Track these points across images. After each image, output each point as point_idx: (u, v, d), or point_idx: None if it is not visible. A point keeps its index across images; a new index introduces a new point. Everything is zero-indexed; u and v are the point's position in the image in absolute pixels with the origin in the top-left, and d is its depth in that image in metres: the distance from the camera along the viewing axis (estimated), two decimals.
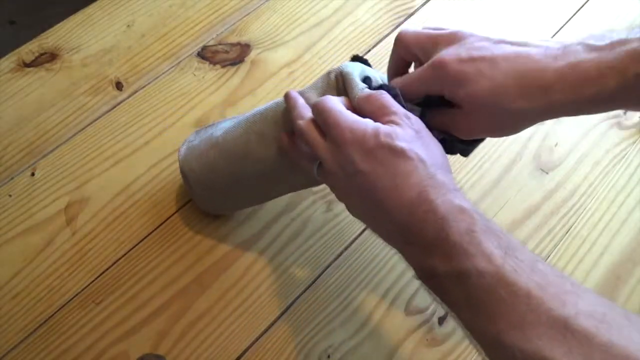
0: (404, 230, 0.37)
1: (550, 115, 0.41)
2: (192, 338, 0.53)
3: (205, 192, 0.54)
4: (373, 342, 0.54)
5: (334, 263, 0.57)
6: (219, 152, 0.51)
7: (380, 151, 0.37)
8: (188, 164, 0.53)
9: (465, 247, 0.33)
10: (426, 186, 0.36)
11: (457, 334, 0.55)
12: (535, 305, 0.30)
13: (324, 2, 0.74)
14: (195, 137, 0.55)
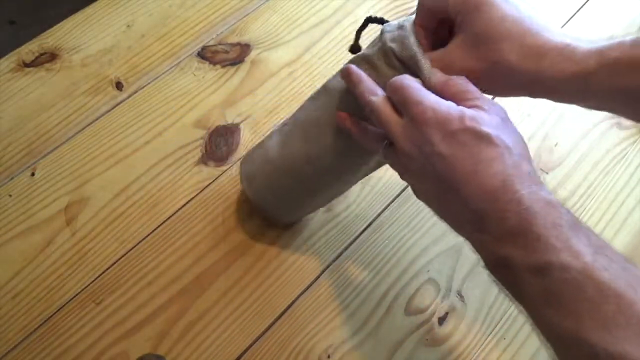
0: (480, 217, 0.35)
1: (530, 89, 0.41)
2: (192, 338, 0.53)
3: (284, 209, 0.56)
4: (373, 342, 0.54)
5: (334, 263, 0.57)
6: (282, 171, 0.51)
7: (464, 135, 0.35)
8: (254, 190, 0.54)
9: (551, 240, 0.32)
10: (511, 175, 0.34)
11: (457, 334, 0.55)
12: (626, 307, 0.29)
13: (324, 2, 0.74)
14: (248, 158, 0.55)
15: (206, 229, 0.58)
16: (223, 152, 0.63)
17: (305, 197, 0.53)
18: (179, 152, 0.62)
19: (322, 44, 0.71)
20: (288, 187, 0.52)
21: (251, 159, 0.54)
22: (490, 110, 0.37)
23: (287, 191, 0.52)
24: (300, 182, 0.51)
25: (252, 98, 0.66)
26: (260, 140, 0.55)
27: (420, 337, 0.55)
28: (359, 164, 0.50)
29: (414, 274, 0.58)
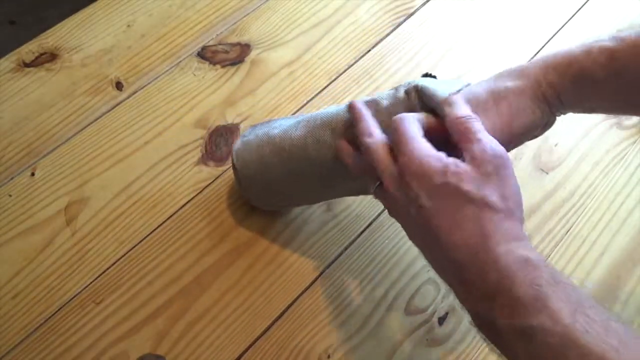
0: (460, 269, 0.35)
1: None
2: (192, 338, 0.53)
3: (257, 188, 0.55)
4: (373, 342, 0.54)
5: (334, 263, 0.57)
6: (276, 150, 0.51)
7: (446, 190, 0.36)
8: (242, 158, 0.53)
9: (530, 302, 0.32)
10: (489, 232, 0.35)
11: (457, 334, 0.55)
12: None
13: (324, 2, 0.74)
14: (250, 132, 0.55)
15: (206, 229, 0.58)
16: (223, 152, 0.63)
17: (293, 189, 0.54)
18: (179, 152, 0.62)
19: (322, 44, 0.71)
20: (280, 172, 0.52)
21: (252, 138, 0.54)
22: (483, 159, 0.37)
23: (277, 176, 0.53)
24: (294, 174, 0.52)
25: (252, 98, 0.66)
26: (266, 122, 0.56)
27: (420, 337, 0.55)
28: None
29: (414, 274, 0.58)
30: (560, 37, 0.75)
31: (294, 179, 0.52)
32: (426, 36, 0.73)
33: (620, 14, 0.78)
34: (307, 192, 0.55)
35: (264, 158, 0.52)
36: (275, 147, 0.52)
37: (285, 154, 0.51)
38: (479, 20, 0.76)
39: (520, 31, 0.75)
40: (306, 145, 0.50)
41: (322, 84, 0.68)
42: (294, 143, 0.50)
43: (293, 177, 0.52)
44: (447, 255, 0.36)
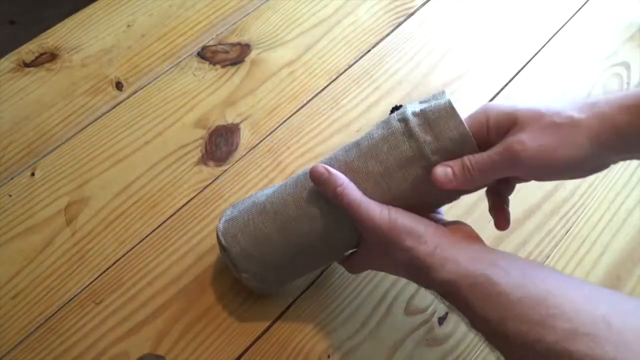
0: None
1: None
2: (192, 338, 0.53)
3: (253, 266, 0.48)
4: (373, 342, 0.54)
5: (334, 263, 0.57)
6: (269, 217, 0.47)
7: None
8: (232, 238, 0.48)
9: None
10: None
11: (457, 334, 0.55)
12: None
13: (324, 2, 0.74)
14: (232, 210, 0.50)
15: (206, 229, 0.58)
16: (223, 152, 0.63)
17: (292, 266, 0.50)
18: (179, 152, 0.62)
19: (322, 44, 0.71)
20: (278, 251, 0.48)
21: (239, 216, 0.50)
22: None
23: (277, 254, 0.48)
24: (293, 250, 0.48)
25: (252, 98, 0.66)
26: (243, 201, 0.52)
27: (420, 337, 0.55)
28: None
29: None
30: (560, 37, 0.75)
31: (298, 243, 0.47)
32: (426, 36, 0.73)
33: (620, 14, 0.78)
34: (312, 257, 0.49)
35: (257, 230, 0.47)
36: (267, 215, 0.47)
37: (282, 218, 0.47)
38: (479, 20, 0.76)
39: (520, 31, 0.75)
40: (303, 201, 0.46)
41: (322, 84, 0.68)
42: (288, 203, 0.47)
43: (294, 239, 0.47)
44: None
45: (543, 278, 0.39)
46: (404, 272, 0.45)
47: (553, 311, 0.35)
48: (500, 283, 0.38)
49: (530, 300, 0.36)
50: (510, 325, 0.36)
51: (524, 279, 0.38)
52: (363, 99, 0.67)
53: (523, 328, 0.35)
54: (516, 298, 0.36)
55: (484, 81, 0.70)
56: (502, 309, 0.37)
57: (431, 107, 0.44)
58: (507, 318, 0.36)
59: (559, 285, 0.38)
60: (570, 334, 0.34)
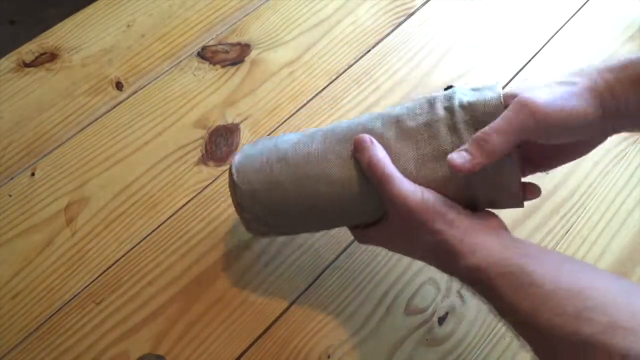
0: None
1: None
2: (192, 338, 0.53)
3: (258, 208, 0.47)
4: (373, 342, 0.54)
5: (333, 263, 0.57)
6: (288, 167, 0.45)
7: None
8: (245, 176, 0.46)
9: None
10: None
11: (457, 334, 0.55)
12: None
13: (324, 2, 0.74)
14: (252, 147, 0.48)
15: (206, 229, 0.58)
16: (223, 152, 0.63)
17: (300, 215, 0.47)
18: (179, 152, 0.62)
19: (322, 44, 0.71)
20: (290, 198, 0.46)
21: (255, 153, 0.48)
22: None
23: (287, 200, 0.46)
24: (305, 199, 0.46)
25: (252, 98, 0.66)
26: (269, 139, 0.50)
27: (420, 337, 0.55)
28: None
29: (413, 274, 0.58)
30: (560, 37, 0.75)
31: (310, 199, 0.45)
32: (426, 36, 0.73)
33: (620, 13, 0.78)
34: (320, 216, 0.47)
35: (274, 176, 0.45)
36: (287, 162, 0.45)
37: (301, 171, 0.45)
38: (479, 20, 0.75)
39: (520, 31, 0.75)
40: (328, 162, 0.44)
41: (322, 84, 0.68)
42: (312, 159, 0.45)
43: (308, 198, 0.45)
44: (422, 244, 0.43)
45: (578, 270, 0.38)
46: (427, 255, 0.44)
47: (590, 303, 0.34)
48: (534, 273, 0.37)
49: (565, 291, 0.35)
50: (544, 316, 0.35)
51: (558, 270, 0.37)
52: (363, 99, 0.67)
53: (557, 320, 0.34)
54: (550, 289, 0.35)
55: (484, 81, 0.70)
56: (535, 299, 0.36)
57: (481, 102, 0.42)
58: (540, 309, 0.35)
59: (595, 279, 0.37)
60: (608, 327, 0.32)
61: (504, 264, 0.38)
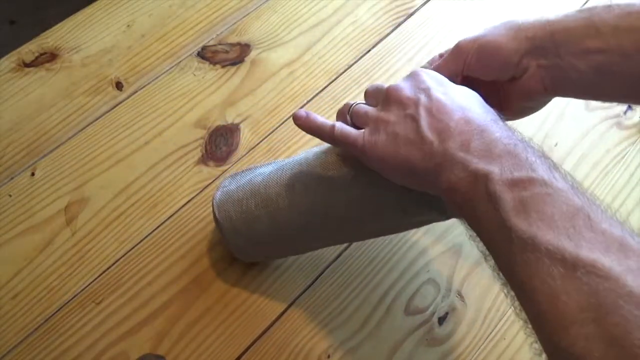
0: (468, 140, 0.38)
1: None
2: (192, 338, 0.53)
3: (241, 241, 0.51)
4: (373, 342, 0.54)
5: (333, 263, 0.57)
6: (261, 201, 0.48)
7: (457, 87, 0.42)
8: (225, 211, 0.50)
9: (537, 163, 0.35)
10: (496, 119, 0.39)
11: (457, 334, 0.55)
12: (595, 223, 0.32)
13: (324, 2, 0.74)
14: (230, 182, 0.52)
15: (206, 229, 0.58)
16: (223, 152, 0.63)
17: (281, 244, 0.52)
18: (179, 152, 0.62)
19: (322, 44, 0.71)
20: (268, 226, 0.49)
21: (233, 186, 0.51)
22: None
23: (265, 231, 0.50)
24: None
25: (252, 98, 0.66)
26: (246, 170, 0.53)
27: (420, 337, 0.55)
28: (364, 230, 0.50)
29: (414, 274, 0.58)
30: None
31: (284, 229, 0.49)
32: (426, 36, 0.73)
33: None
34: (297, 243, 0.52)
35: (249, 210, 0.49)
36: (260, 197, 0.49)
37: (272, 203, 0.48)
38: (479, 20, 0.75)
39: None
40: (293, 191, 0.47)
41: (322, 84, 0.68)
42: (280, 191, 0.48)
43: (282, 227, 0.49)
44: (458, 127, 0.38)
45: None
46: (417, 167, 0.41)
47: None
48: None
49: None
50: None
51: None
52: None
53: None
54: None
55: None
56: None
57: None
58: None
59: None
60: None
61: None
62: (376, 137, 0.41)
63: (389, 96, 0.42)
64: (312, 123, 0.44)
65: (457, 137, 0.38)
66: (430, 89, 0.40)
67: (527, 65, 0.44)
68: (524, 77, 0.44)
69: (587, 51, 0.41)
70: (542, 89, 0.45)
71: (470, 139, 0.37)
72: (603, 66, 0.41)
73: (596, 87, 0.43)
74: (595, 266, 0.29)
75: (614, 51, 0.41)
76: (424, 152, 0.39)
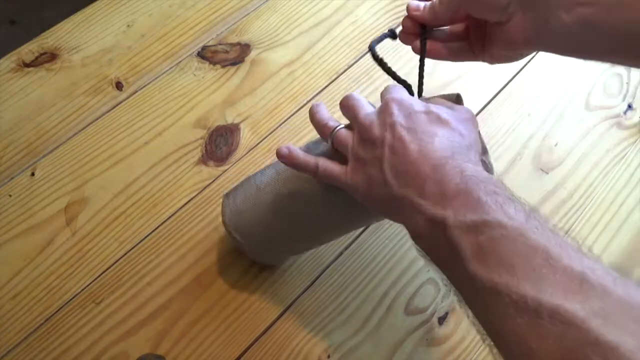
0: (423, 181, 0.37)
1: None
2: (192, 338, 0.53)
3: (262, 250, 0.52)
4: (373, 342, 0.54)
5: (333, 263, 0.57)
6: (273, 211, 0.49)
7: (426, 116, 0.41)
8: (240, 230, 0.50)
9: (489, 203, 0.34)
10: (460, 152, 0.39)
11: (457, 334, 0.55)
12: (554, 261, 0.31)
13: (324, 2, 0.74)
14: (234, 200, 0.51)
15: (206, 229, 0.58)
16: (223, 152, 0.63)
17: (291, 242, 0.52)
18: (179, 152, 0.62)
19: (322, 44, 0.71)
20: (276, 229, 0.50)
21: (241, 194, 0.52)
22: (455, 107, 0.43)
23: (275, 232, 0.50)
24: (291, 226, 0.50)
25: (252, 98, 0.66)
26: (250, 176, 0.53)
27: (420, 337, 0.55)
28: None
29: (414, 274, 0.58)
30: None
31: (298, 229, 0.50)
32: None
33: None
34: (313, 238, 0.52)
35: (264, 222, 0.49)
36: (270, 208, 0.49)
37: (283, 212, 0.49)
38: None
39: None
40: (295, 195, 0.48)
41: (322, 84, 0.68)
42: (284, 200, 0.49)
43: (297, 228, 0.50)
44: (413, 169, 0.38)
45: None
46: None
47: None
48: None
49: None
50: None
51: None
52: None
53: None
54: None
55: (484, 81, 0.70)
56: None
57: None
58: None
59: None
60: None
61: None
62: (356, 176, 0.42)
63: (361, 134, 0.42)
64: (295, 160, 0.45)
65: (412, 180, 0.38)
66: (395, 124, 0.40)
67: (513, 12, 0.43)
68: (508, 24, 0.44)
69: (574, 3, 0.41)
70: (524, 40, 0.44)
71: (425, 181, 0.37)
72: (589, 20, 0.40)
73: (576, 42, 0.42)
74: (559, 312, 0.29)
75: (597, 3, 0.40)
76: (389, 195, 0.39)
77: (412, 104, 0.42)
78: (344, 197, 0.45)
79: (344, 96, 0.46)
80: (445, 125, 0.41)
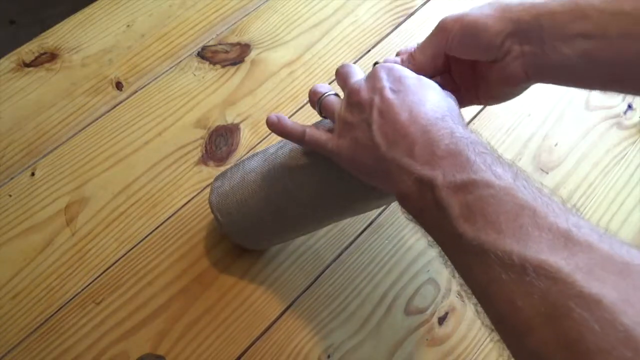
0: (412, 143, 0.37)
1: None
2: (192, 338, 0.53)
3: (246, 237, 0.53)
4: (373, 342, 0.54)
5: (333, 263, 0.57)
6: (256, 194, 0.50)
7: (415, 80, 0.41)
8: (226, 213, 0.51)
9: (477, 163, 0.34)
10: (450, 115, 0.39)
11: (457, 334, 0.55)
12: (540, 219, 0.31)
13: (324, 2, 0.74)
14: (222, 182, 0.52)
15: (206, 229, 0.58)
16: (223, 152, 0.63)
17: (279, 230, 0.52)
18: (179, 152, 0.62)
19: (322, 44, 0.71)
20: (263, 215, 0.51)
21: (228, 177, 0.53)
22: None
23: (261, 218, 0.51)
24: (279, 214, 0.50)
25: (252, 98, 0.66)
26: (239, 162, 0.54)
27: (420, 337, 0.55)
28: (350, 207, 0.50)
29: (414, 274, 0.58)
30: None
31: (288, 219, 0.50)
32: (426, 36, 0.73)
33: None
34: (300, 228, 0.52)
35: (245, 204, 0.50)
36: (259, 196, 0.50)
37: (264, 194, 0.49)
38: None
39: None
40: (286, 187, 0.49)
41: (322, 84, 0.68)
42: (276, 185, 0.49)
43: (286, 218, 0.50)
44: (402, 130, 0.38)
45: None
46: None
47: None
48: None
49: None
50: None
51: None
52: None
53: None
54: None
55: None
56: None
57: None
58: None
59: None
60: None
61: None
62: (342, 141, 0.42)
63: (349, 98, 0.42)
64: (283, 128, 0.46)
65: (401, 141, 0.38)
66: (383, 88, 0.40)
67: (510, 49, 0.43)
68: (505, 60, 0.43)
69: (573, 36, 0.41)
70: (524, 75, 0.44)
71: (414, 142, 0.37)
72: (587, 52, 0.40)
73: (578, 74, 0.42)
74: (544, 267, 0.29)
75: (599, 36, 0.40)
76: (377, 157, 0.39)
77: (402, 70, 0.42)
78: (325, 184, 0.46)
79: (340, 65, 0.46)
80: (436, 90, 0.41)
